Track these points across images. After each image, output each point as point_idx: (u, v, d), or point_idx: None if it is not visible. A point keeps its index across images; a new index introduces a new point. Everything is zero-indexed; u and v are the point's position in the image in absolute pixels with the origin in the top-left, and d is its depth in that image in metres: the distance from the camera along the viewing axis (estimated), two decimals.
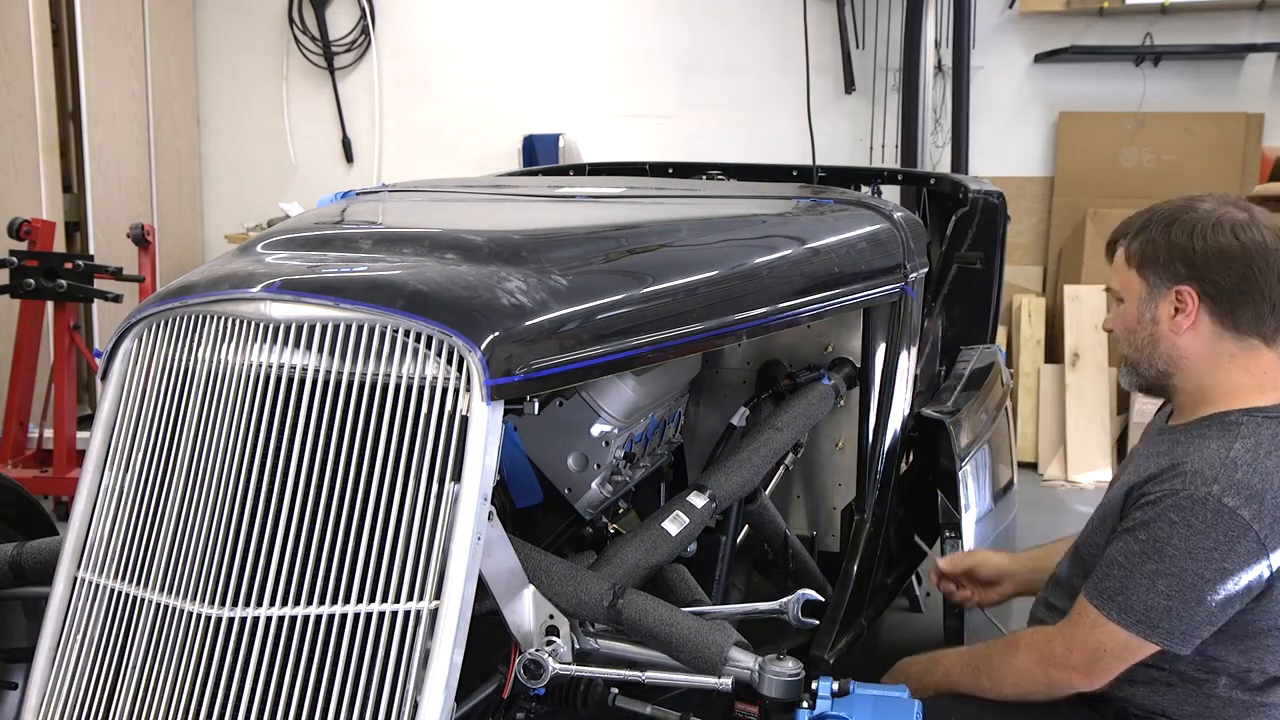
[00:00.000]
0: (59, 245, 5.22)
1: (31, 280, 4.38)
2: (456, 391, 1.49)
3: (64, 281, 4.41)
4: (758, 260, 2.20)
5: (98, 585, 1.55)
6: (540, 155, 6.34)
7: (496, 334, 1.53)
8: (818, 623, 1.86)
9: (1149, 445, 1.93)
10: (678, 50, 6.46)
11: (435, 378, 1.50)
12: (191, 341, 1.59)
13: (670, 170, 3.89)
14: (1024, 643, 1.87)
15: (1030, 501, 4.50)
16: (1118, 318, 1.92)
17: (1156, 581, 1.70)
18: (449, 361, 1.50)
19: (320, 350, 1.51)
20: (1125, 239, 1.89)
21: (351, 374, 1.51)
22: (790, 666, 1.64)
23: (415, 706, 1.41)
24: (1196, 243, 1.77)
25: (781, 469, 2.64)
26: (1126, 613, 1.72)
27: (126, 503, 1.58)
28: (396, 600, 1.44)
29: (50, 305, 4.57)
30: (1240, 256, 1.76)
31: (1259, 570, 1.69)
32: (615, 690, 1.79)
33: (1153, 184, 5.90)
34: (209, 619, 1.44)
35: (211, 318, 1.58)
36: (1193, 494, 1.69)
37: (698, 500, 2.10)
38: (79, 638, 1.54)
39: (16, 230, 4.48)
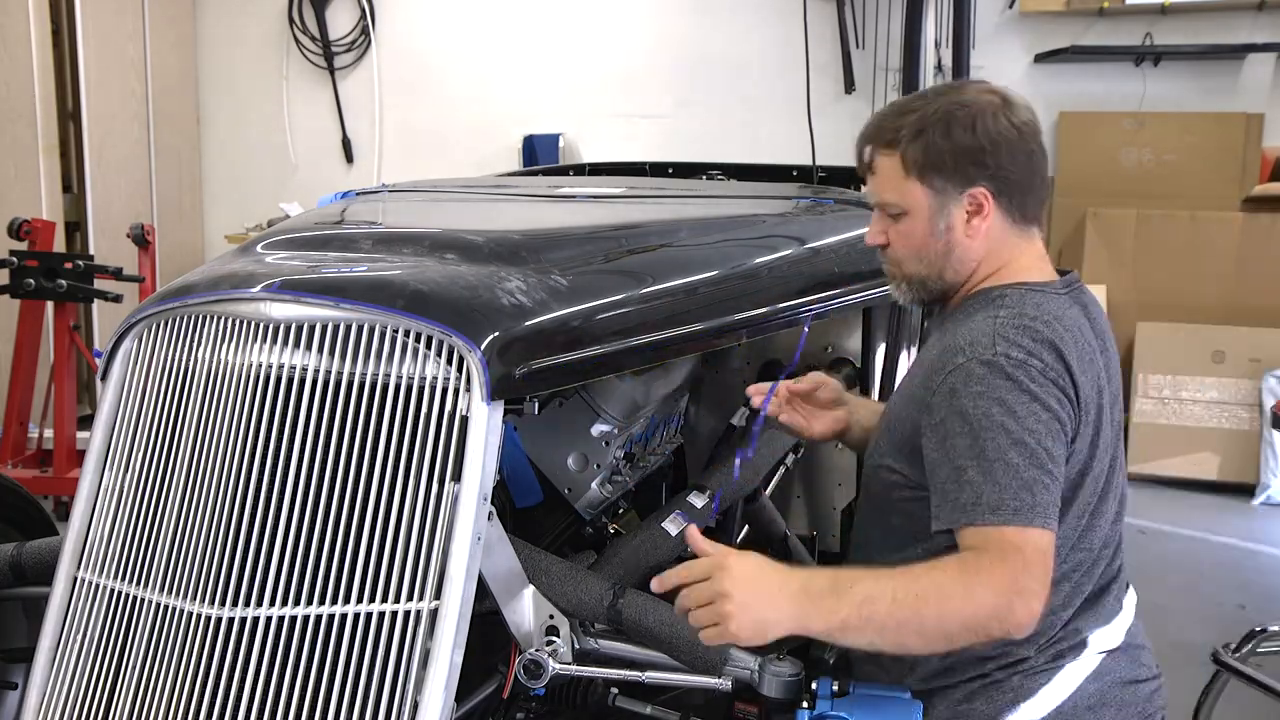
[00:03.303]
0: (59, 245, 5.22)
1: (31, 280, 4.38)
2: (456, 391, 1.49)
3: (64, 281, 4.41)
4: (758, 260, 2.20)
5: (98, 585, 1.55)
6: (540, 155, 6.34)
7: (496, 334, 1.53)
8: None
9: (928, 341, 1.83)
10: (678, 50, 6.46)
11: (435, 378, 1.50)
12: (191, 341, 1.59)
13: (670, 170, 3.89)
14: (977, 568, 1.46)
15: None
16: (900, 235, 1.74)
17: (994, 466, 1.49)
18: (449, 361, 1.50)
19: (320, 350, 1.51)
20: (894, 145, 1.70)
21: (352, 374, 1.51)
22: (790, 666, 1.64)
23: (415, 706, 1.41)
24: (983, 139, 1.65)
25: (781, 469, 2.64)
26: (1017, 514, 1.47)
27: (126, 503, 1.58)
28: (396, 600, 1.44)
29: (50, 305, 4.57)
30: (1020, 142, 1.67)
31: (1069, 409, 1.56)
32: (615, 690, 1.79)
33: (1153, 184, 5.90)
34: (209, 619, 1.44)
35: (211, 318, 1.58)
36: (979, 361, 1.57)
37: (698, 500, 2.10)
38: (79, 638, 1.54)
39: (16, 230, 4.48)
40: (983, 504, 1.48)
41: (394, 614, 1.43)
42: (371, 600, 1.44)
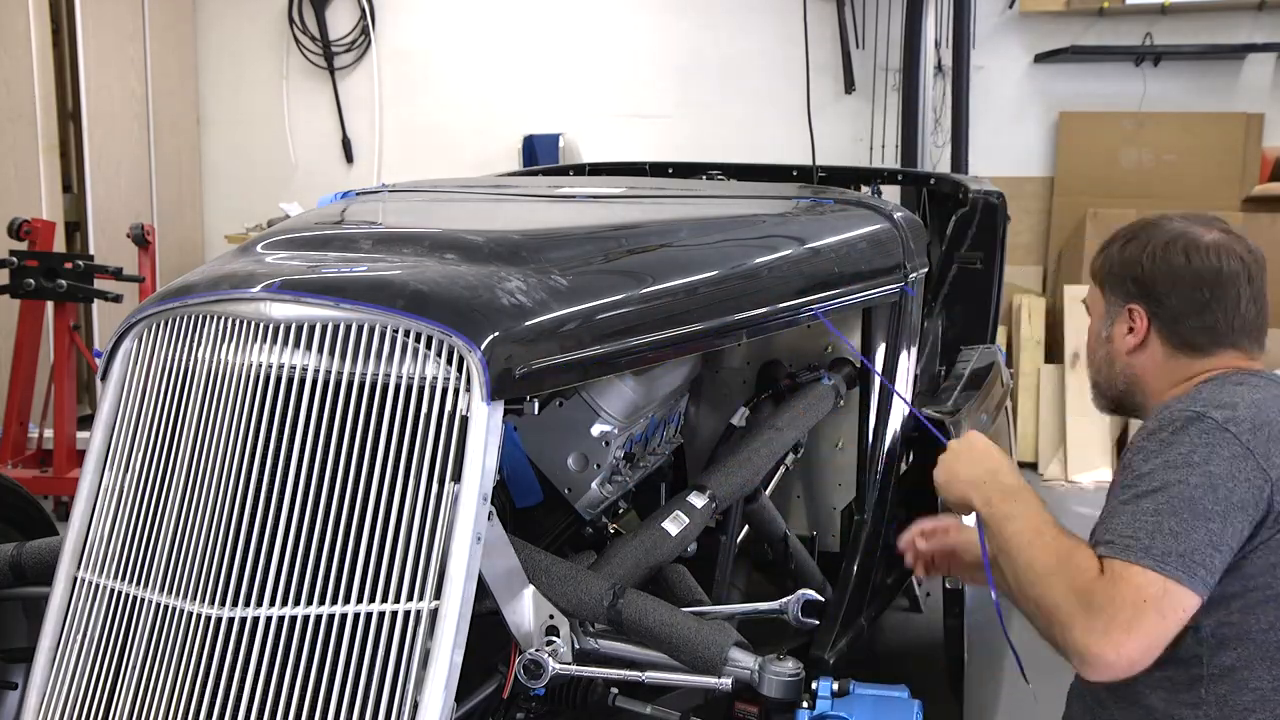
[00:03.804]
0: (59, 245, 5.22)
1: (31, 280, 4.39)
2: (456, 391, 1.49)
3: (64, 281, 4.41)
4: (758, 260, 2.20)
5: (98, 585, 1.55)
6: (540, 155, 6.34)
7: (496, 334, 1.53)
8: (818, 623, 1.86)
9: None
10: (678, 50, 6.46)
11: (435, 378, 1.50)
12: (191, 341, 1.59)
13: (670, 170, 3.89)
14: (1082, 568, 1.51)
15: None
16: (1087, 332, 1.88)
17: (1142, 503, 1.51)
18: (449, 361, 1.50)
19: (320, 350, 1.51)
20: (1099, 251, 1.84)
21: (351, 374, 1.51)
22: (790, 666, 1.64)
23: (415, 706, 1.41)
24: (1145, 261, 1.72)
25: (781, 469, 2.64)
26: (1127, 550, 1.47)
27: (126, 503, 1.57)
28: (396, 600, 1.44)
29: (50, 305, 4.57)
30: (1189, 279, 1.68)
31: (1255, 482, 1.51)
32: (615, 690, 1.79)
33: (1153, 184, 5.90)
34: (209, 619, 1.44)
35: (211, 318, 1.58)
36: (1160, 419, 1.60)
37: (698, 500, 2.09)
38: (79, 638, 1.54)
39: (16, 230, 4.48)
40: (1111, 540, 1.52)
41: (394, 614, 1.43)
42: (371, 600, 1.44)
